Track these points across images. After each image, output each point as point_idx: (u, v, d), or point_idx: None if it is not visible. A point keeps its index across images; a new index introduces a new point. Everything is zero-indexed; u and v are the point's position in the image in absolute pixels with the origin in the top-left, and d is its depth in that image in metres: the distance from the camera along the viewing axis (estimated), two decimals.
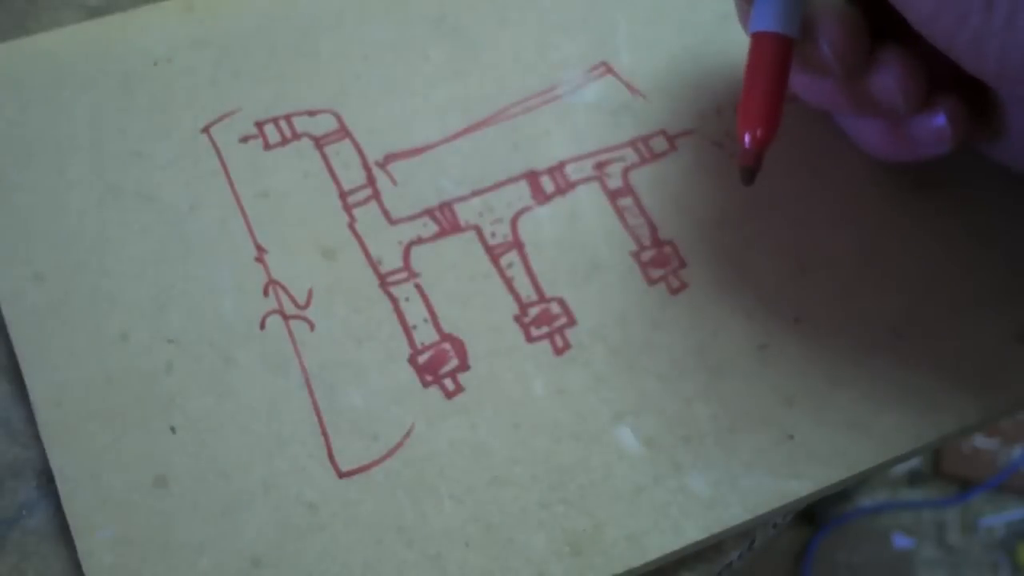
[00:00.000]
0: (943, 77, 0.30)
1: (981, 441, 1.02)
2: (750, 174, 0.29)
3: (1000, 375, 0.32)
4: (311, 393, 0.30)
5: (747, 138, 0.29)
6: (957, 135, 0.30)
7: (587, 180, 0.34)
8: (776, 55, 0.29)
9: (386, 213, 0.33)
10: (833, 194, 0.34)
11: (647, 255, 0.33)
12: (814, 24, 0.29)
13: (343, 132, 0.34)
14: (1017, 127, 0.30)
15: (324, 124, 0.34)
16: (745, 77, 0.29)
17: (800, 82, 0.32)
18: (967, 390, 0.31)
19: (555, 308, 0.32)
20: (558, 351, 0.31)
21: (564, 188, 0.33)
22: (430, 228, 0.33)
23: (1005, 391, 0.32)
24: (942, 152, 0.30)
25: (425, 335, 0.31)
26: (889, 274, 0.33)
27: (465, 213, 0.33)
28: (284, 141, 0.33)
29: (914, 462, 1.04)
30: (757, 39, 0.29)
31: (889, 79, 0.29)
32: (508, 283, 0.32)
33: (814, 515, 1.01)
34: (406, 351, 0.31)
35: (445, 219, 0.33)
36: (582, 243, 0.33)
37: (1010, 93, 0.29)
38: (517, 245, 0.33)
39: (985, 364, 0.32)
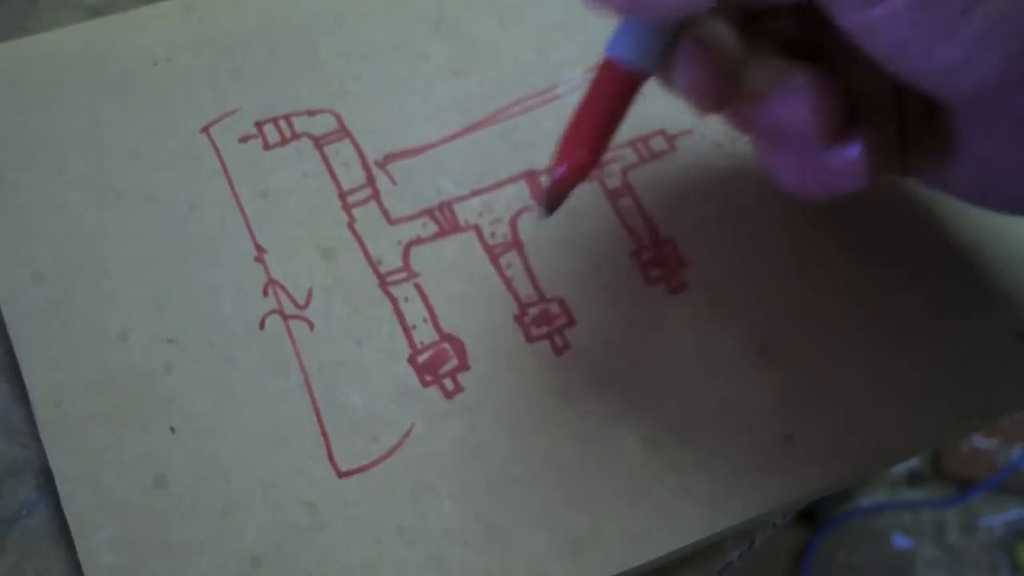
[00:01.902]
0: (859, 103, 0.28)
1: (981, 441, 1.02)
2: (551, 208, 0.27)
3: (1000, 375, 0.32)
4: (311, 393, 0.30)
5: (563, 167, 0.26)
6: (874, 168, 0.27)
7: (587, 180, 0.34)
8: (624, 90, 0.27)
9: (386, 213, 0.33)
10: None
11: (647, 255, 0.33)
12: (674, 53, 0.27)
13: (343, 132, 0.34)
14: (973, 155, 0.27)
15: (324, 124, 0.34)
16: (585, 98, 0.27)
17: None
18: (967, 390, 0.32)
19: (555, 308, 0.32)
20: (558, 351, 0.31)
21: None
22: (430, 228, 0.33)
23: (1005, 391, 0.32)
24: (858, 187, 0.28)
25: (425, 335, 0.31)
26: (889, 274, 0.33)
27: (465, 213, 0.33)
28: (284, 141, 0.33)
29: (914, 462, 1.04)
30: (609, 66, 0.27)
31: (798, 106, 0.26)
32: (508, 283, 0.32)
33: (814, 515, 1.01)
34: (406, 351, 0.31)
35: (445, 219, 0.33)
36: (582, 243, 0.33)
37: (974, 120, 0.26)
38: (517, 245, 0.33)
39: (985, 364, 0.32)
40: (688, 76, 0.27)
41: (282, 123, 0.34)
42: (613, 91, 0.27)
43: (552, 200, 0.27)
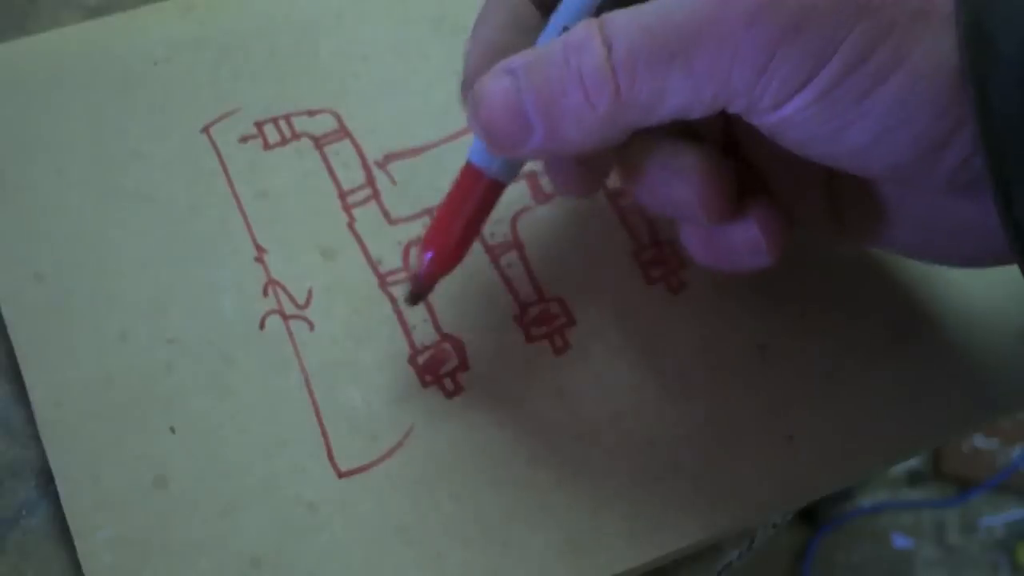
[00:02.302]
0: (757, 179, 0.28)
1: (981, 441, 1.02)
2: (418, 297, 0.29)
3: (1000, 375, 0.32)
4: (311, 393, 0.30)
5: (426, 261, 0.28)
6: (775, 243, 0.27)
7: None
8: (485, 195, 0.27)
9: (385, 213, 0.33)
10: None
11: (647, 255, 0.33)
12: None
13: (343, 132, 0.34)
14: (907, 216, 0.27)
15: (324, 124, 0.34)
16: (447, 198, 0.28)
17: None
18: (967, 390, 0.31)
19: (555, 308, 0.32)
20: (558, 351, 0.31)
21: None
22: None
23: (1005, 391, 0.32)
24: (761, 264, 0.27)
25: (425, 335, 0.31)
26: (889, 274, 0.33)
27: None
28: (284, 141, 0.33)
29: (914, 462, 1.04)
30: (470, 172, 0.27)
31: (682, 187, 0.26)
32: (508, 283, 0.32)
33: (814, 515, 1.00)
34: (406, 351, 0.31)
35: None
36: (582, 243, 0.33)
37: (900, 187, 0.26)
38: (517, 245, 0.33)
39: (985, 364, 0.32)
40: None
41: (282, 123, 0.34)
42: (475, 194, 0.28)
43: (418, 292, 0.29)
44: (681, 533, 0.29)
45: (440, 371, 0.31)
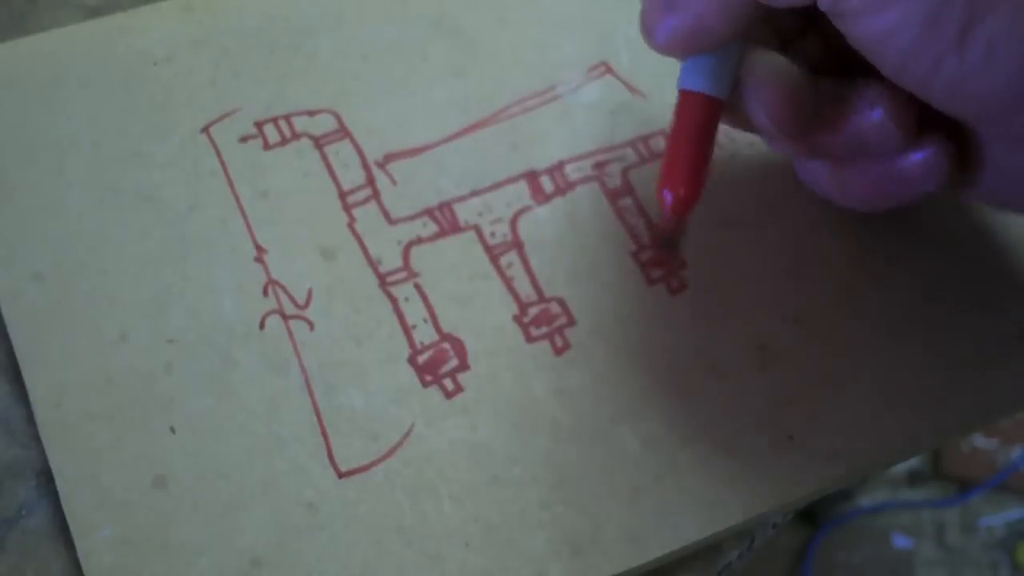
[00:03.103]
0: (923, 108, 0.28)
1: (981, 441, 1.02)
2: (670, 242, 0.28)
3: (1000, 375, 0.32)
4: (311, 393, 0.30)
5: (668, 199, 0.27)
6: (948, 168, 0.28)
7: (587, 180, 0.34)
8: (702, 117, 0.27)
9: (385, 213, 0.33)
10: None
11: (647, 255, 0.33)
12: (745, 87, 0.27)
13: (342, 132, 0.34)
14: (994, 164, 0.28)
15: (323, 124, 0.34)
16: (669, 136, 0.28)
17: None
18: (967, 390, 0.32)
19: (555, 308, 0.32)
20: (558, 351, 0.31)
21: (564, 188, 0.34)
22: (429, 228, 0.33)
23: (1005, 391, 0.32)
24: (933, 188, 0.28)
25: (425, 335, 0.31)
26: (889, 274, 0.33)
27: (464, 213, 0.33)
28: (284, 141, 0.33)
29: (914, 462, 1.04)
30: (683, 98, 0.28)
31: (877, 118, 0.27)
32: (508, 283, 0.32)
33: (814, 515, 1.01)
34: (406, 351, 0.31)
35: (444, 219, 0.33)
36: (582, 243, 0.33)
37: (990, 132, 0.27)
38: (517, 245, 0.33)
39: (985, 364, 0.32)
40: (767, 107, 0.27)
41: (282, 123, 0.34)
42: (695, 122, 0.27)
43: (667, 237, 0.28)
44: (681, 533, 0.29)
45: (440, 371, 0.31)
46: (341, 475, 0.29)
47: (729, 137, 0.35)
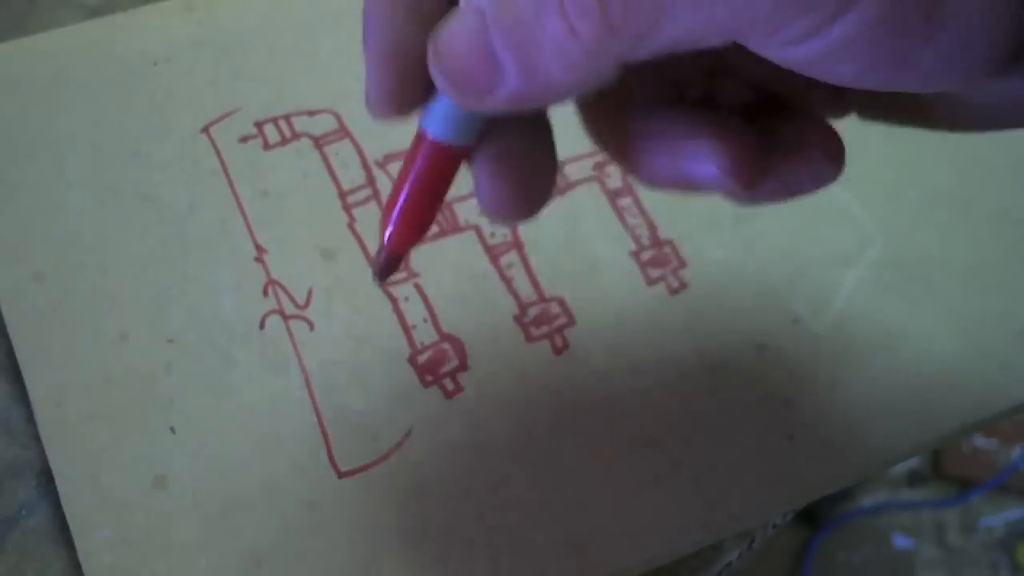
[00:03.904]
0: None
1: (981, 441, 1.02)
2: (385, 275, 0.24)
3: (999, 375, 0.32)
4: (311, 393, 0.30)
5: (387, 238, 0.24)
6: (831, 161, 0.25)
7: (587, 180, 0.34)
8: (441, 165, 0.24)
9: None
10: (831, 195, 0.34)
11: (647, 255, 0.33)
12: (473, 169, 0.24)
13: (342, 132, 0.34)
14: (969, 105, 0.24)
15: (324, 124, 0.34)
16: (401, 170, 0.25)
17: None
18: (967, 390, 0.32)
19: (555, 308, 0.32)
20: (558, 351, 0.31)
21: (564, 188, 0.33)
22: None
23: (1004, 391, 0.32)
24: (828, 182, 0.25)
25: (425, 335, 0.31)
26: (888, 274, 0.33)
27: (465, 213, 0.33)
28: (284, 141, 0.33)
29: (914, 462, 1.04)
30: (423, 141, 0.24)
31: (813, 161, 0.24)
32: (508, 283, 0.32)
33: (814, 515, 1.01)
34: (406, 351, 0.31)
35: (445, 219, 0.33)
36: (582, 243, 0.33)
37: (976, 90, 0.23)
38: (517, 245, 0.33)
39: (984, 364, 0.32)
40: (488, 198, 0.24)
41: (282, 123, 0.34)
42: (433, 166, 0.24)
43: (384, 272, 0.25)
44: (681, 533, 0.29)
45: (440, 371, 0.31)
46: (341, 475, 0.29)
47: None
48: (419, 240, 0.25)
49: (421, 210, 0.24)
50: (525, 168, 0.25)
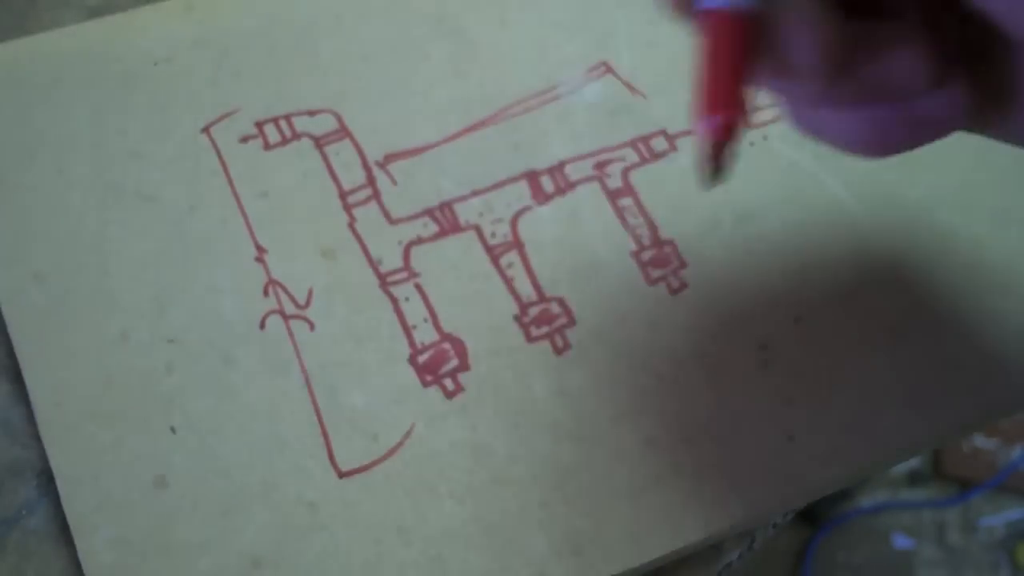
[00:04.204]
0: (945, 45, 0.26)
1: (981, 441, 1.02)
2: (716, 171, 0.23)
3: (1000, 375, 0.32)
4: (311, 393, 0.30)
5: (709, 124, 0.23)
6: (968, 109, 0.26)
7: (587, 180, 0.34)
8: (737, 38, 0.24)
9: (386, 213, 0.33)
10: (832, 194, 0.34)
11: (647, 255, 0.33)
12: (782, 22, 0.24)
13: (343, 132, 0.34)
14: None
15: (324, 124, 0.34)
16: (699, 65, 0.24)
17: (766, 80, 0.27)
18: (967, 390, 0.31)
19: (555, 308, 0.32)
20: (558, 351, 0.31)
21: (564, 188, 0.34)
22: (430, 228, 0.33)
23: (1005, 391, 0.32)
24: (950, 130, 0.27)
25: (425, 335, 0.31)
26: (889, 274, 0.33)
27: (465, 213, 0.33)
28: (284, 141, 0.33)
29: (914, 462, 1.04)
30: (713, 20, 0.24)
31: (904, 60, 0.25)
32: (508, 283, 0.32)
33: (814, 515, 1.00)
34: (406, 351, 0.31)
35: (445, 219, 0.33)
36: (582, 243, 0.33)
37: None
38: (517, 245, 0.33)
39: (985, 364, 0.32)
40: (811, 43, 0.25)
41: (282, 123, 0.34)
42: (727, 40, 0.24)
43: (714, 162, 0.23)
44: (681, 533, 0.29)
45: (440, 371, 0.31)
46: (341, 475, 0.29)
47: None
48: (742, 120, 0.24)
49: (734, 86, 0.24)
50: (818, 22, 0.25)
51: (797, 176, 0.34)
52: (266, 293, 0.31)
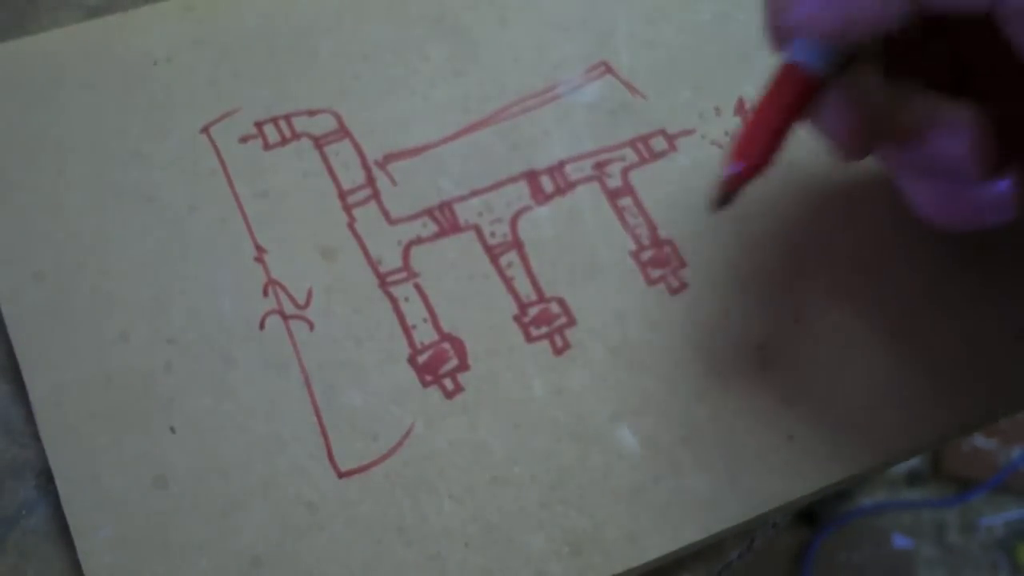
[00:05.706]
0: (1007, 134, 0.27)
1: (981, 441, 1.02)
2: (724, 202, 0.27)
3: (1000, 375, 0.32)
4: (311, 393, 0.30)
5: (733, 169, 0.26)
6: (1022, 199, 0.27)
7: (587, 180, 0.34)
8: (802, 92, 0.26)
9: (386, 213, 0.33)
10: (832, 194, 0.34)
11: (647, 255, 0.33)
12: (827, 97, 0.26)
13: (343, 132, 0.34)
14: None
15: (323, 124, 0.34)
16: (760, 102, 0.27)
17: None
18: (967, 390, 0.31)
19: (555, 308, 0.32)
20: (558, 351, 0.31)
21: (564, 188, 0.34)
22: (430, 228, 0.33)
23: (1005, 391, 0.32)
24: (1005, 220, 0.27)
25: (425, 335, 0.31)
26: (888, 275, 0.33)
27: (465, 213, 0.33)
28: (284, 141, 0.33)
29: (914, 462, 1.04)
30: (789, 71, 0.26)
31: (958, 144, 0.26)
32: (508, 283, 0.32)
33: (814, 515, 1.01)
34: (406, 351, 0.31)
35: (445, 219, 0.33)
36: (582, 243, 0.33)
37: None
38: (517, 245, 0.33)
39: (985, 364, 0.32)
40: (835, 122, 0.26)
41: (282, 123, 0.34)
42: (792, 94, 0.26)
43: (724, 196, 0.27)
44: (681, 533, 0.29)
45: (440, 371, 0.31)
46: (341, 475, 0.29)
47: (729, 136, 0.35)
48: (767, 168, 0.26)
49: (779, 137, 0.26)
50: (865, 103, 0.27)
51: (797, 176, 0.34)
52: (265, 293, 0.31)
